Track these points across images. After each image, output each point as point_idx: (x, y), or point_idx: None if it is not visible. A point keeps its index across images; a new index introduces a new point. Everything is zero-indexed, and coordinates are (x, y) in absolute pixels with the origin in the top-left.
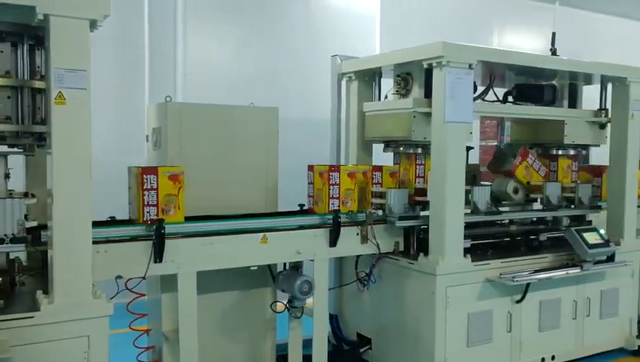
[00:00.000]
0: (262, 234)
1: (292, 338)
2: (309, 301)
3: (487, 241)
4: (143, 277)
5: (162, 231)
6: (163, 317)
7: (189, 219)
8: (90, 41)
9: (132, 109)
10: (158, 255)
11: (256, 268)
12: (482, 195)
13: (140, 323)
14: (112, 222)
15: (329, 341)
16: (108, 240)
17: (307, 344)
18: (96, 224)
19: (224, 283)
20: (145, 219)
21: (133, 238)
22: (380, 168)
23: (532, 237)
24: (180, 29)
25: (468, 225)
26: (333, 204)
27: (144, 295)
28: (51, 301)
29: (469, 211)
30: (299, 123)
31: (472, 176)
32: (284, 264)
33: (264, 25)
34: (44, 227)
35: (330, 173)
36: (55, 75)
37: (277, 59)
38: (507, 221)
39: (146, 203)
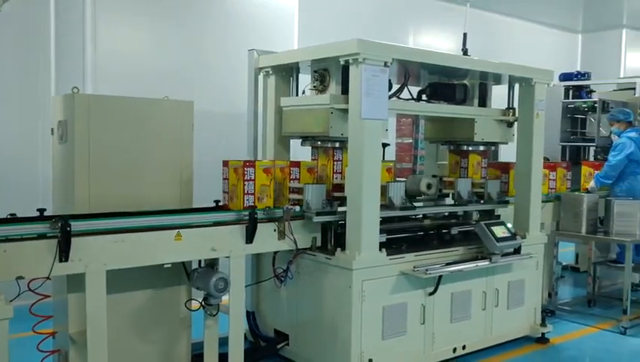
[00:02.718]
0: (176, 230)
1: (207, 336)
2: (225, 298)
3: (402, 236)
4: (47, 278)
5: (68, 228)
6: (69, 318)
7: (98, 215)
8: None
9: (36, 101)
10: (63, 254)
11: (170, 265)
12: (397, 191)
13: (44, 325)
14: (13, 219)
15: (246, 338)
16: (7, 239)
17: (223, 342)
18: None
19: (136, 282)
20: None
21: (39, 237)
22: (297, 164)
23: (445, 231)
24: (88, 16)
25: (384, 220)
26: (248, 200)
27: (49, 296)
28: None
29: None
30: (215, 117)
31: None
32: (200, 261)
33: (180, 16)
34: None
35: (245, 169)
36: None
37: (193, 52)
38: (421, 216)
39: None
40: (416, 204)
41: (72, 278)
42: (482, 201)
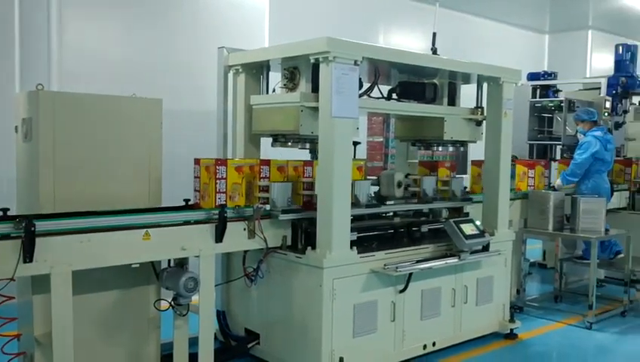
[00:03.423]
0: (144, 230)
1: (177, 336)
2: (195, 298)
3: (372, 234)
4: (12, 279)
5: (32, 228)
6: (35, 320)
7: (64, 215)
8: None
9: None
10: (27, 254)
11: (138, 265)
12: (363, 189)
13: (9, 327)
14: None
15: (216, 338)
16: None
17: (193, 342)
18: None
19: (103, 283)
20: None
21: (2, 237)
22: (267, 162)
23: (415, 229)
24: (54, 11)
25: (354, 218)
26: (220, 198)
27: (13, 297)
28: None
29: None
30: (185, 115)
31: None
32: (169, 261)
33: (149, 13)
34: None
35: (217, 167)
36: None
37: (162, 50)
38: (391, 213)
39: None
40: (387, 202)
41: (37, 279)
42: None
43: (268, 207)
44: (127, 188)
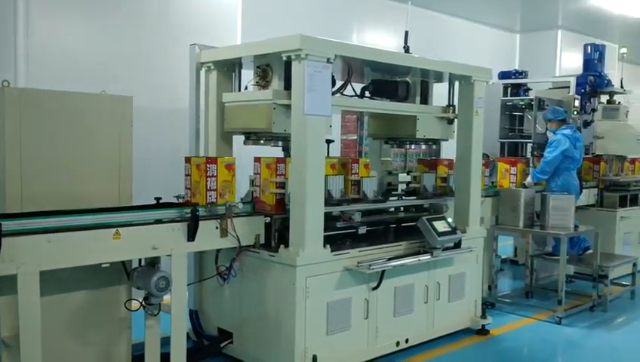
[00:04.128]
0: (114, 229)
1: (149, 336)
2: (167, 297)
3: (346, 232)
4: None
5: None
6: (1, 322)
7: (31, 214)
8: None
9: None
10: None
11: (108, 265)
12: (337, 185)
13: None
14: None
15: (189, 337)
16: None
17: (166, 342)
18: None
19: (73, 283)
20: None
21: None
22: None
23: (391, 226)
24: (21, 6)
25: (329, 216)
26: (210, 196)
27: None
28: None
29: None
30: (156, 113)
31: None
32: (140, 260)
33: (120, 8)
34: None
35: (208, 165)
36: None
37: (133, 46)
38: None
39: None
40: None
41: (4, 280)
42: (416, 197)
43: (241, 205)
44: (97, 187)
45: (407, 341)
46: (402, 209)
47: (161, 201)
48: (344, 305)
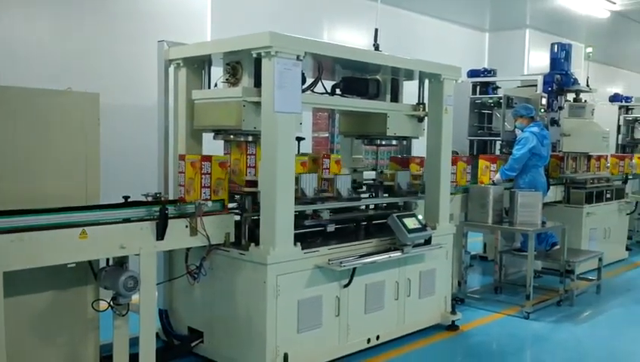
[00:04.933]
0: (81, 228)
1: (117, 337)
2: (135, 297)
3: (316, 229)
4: None
5: None
6: None
7: None
8: None
9: None
10: None
11: (74, 265)
12: (309, 183)
13: None
14: None
15: (158, 337)
16: None
17: (135, 342)
18: None
19: (38, 283)
20: None
21: None
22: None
23: (362, 223)
24: None
25: (300, 214)
26: (205, 193)
27: None
28: None
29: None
30: (124, 110)
31: None
32: (107, 260)
33: (88, 3)
34: None
35: (202, 163)
36: None
37: (101, 41)
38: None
39: None
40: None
41: None
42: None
43: (210, 203)
44: (64, 186)
45: (378, 338)
46: (373, 206)
47: (129, 200)
48: (315, 303)
